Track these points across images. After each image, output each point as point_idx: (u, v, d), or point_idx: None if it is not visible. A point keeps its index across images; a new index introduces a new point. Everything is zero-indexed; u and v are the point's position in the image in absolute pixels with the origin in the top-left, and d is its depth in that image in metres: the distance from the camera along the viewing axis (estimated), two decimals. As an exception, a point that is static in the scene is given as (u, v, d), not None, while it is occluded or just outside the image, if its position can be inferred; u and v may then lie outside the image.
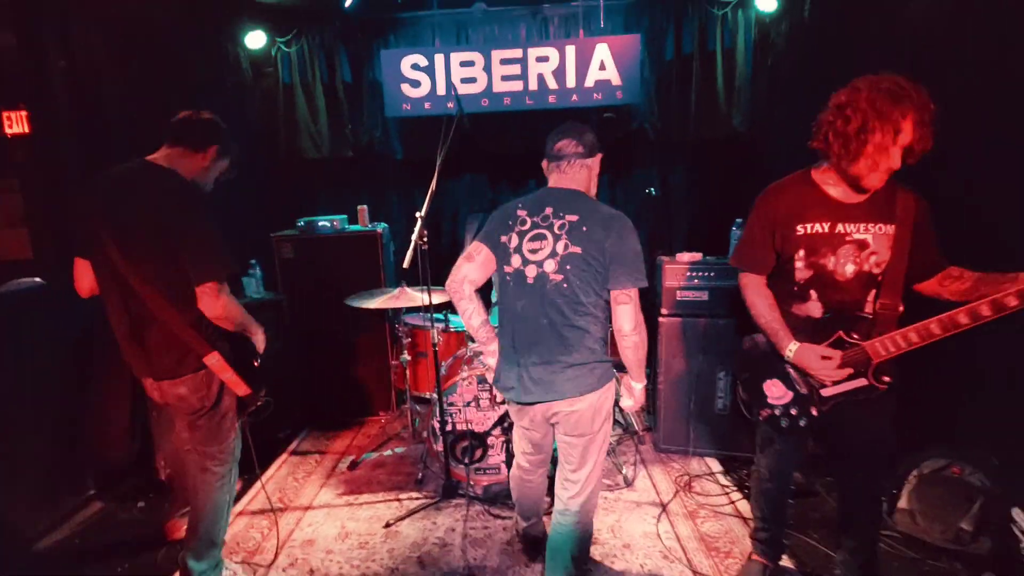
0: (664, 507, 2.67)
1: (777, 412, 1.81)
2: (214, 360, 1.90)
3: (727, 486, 2.82)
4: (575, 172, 1.88)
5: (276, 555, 2.43)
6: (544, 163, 1.97)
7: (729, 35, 4.00)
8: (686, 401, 3.05)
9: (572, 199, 1.83)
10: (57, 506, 2.69)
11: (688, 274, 3.00)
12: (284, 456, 3.33)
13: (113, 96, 2.95)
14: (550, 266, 1.77)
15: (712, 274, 2.97)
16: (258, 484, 2.99)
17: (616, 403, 2.01)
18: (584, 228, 1.75)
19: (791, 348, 1.74)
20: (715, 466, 3.02)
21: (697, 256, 3.04)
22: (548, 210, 1.81)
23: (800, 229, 1.72)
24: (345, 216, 3.76)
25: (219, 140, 2.03)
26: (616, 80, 3.98)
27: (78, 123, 2.80)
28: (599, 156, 1.93)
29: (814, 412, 1.78)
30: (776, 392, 1.82)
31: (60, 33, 2.74)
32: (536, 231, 1.81)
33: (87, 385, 2.78)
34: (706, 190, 4.39)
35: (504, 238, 1.86)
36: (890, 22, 2.69)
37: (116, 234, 1.80)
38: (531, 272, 1.80)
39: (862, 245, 1.68)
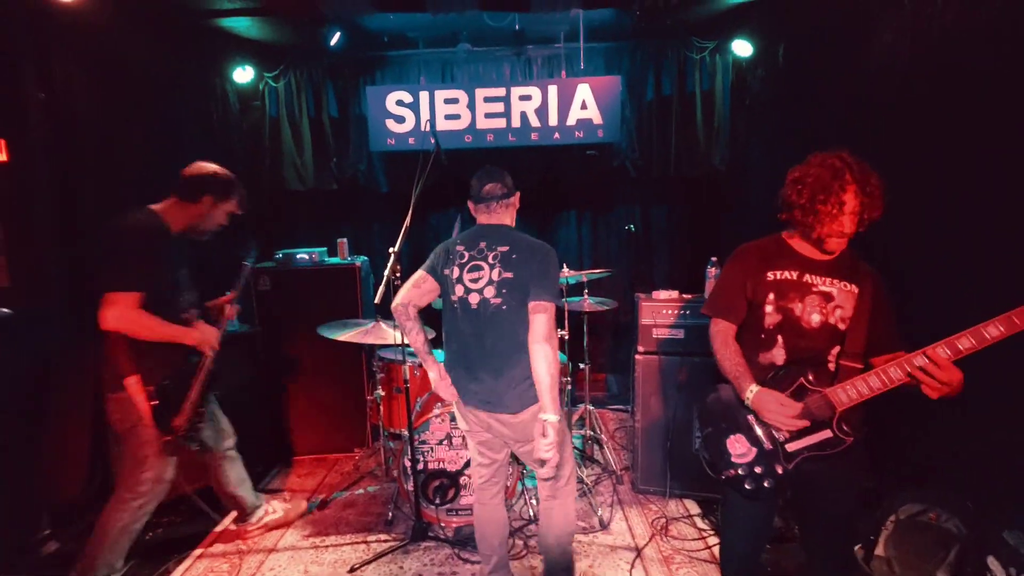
0: (639, 552, 2.59)
1: (741, 471, 1.73)
2: (132, 382, 2.02)
3: (704, 530, 2.75)
4: (501, 211, 2.10)
5: (234, 601, 2.33)
6: (471, 204, 2.14)
7: (707, 78, 4.11)
8: (663, 440, 3.00)
9: (501, 233, 2.05)
10: (11, 545, 2.58)
11: (665, 312, 3.00)
12: (252, 494, 3.22)
13: (93, 128, 2.96)
14: (489, 292, 1.96)
15: (688, 312, 2.97)
16: (221, 524, 2.89)
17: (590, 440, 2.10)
18: (514, 256, 1.97)
19: (751, 390, 1.73)
20: (693, 508, 2.95)
21: (674, 294, 3.04)
22: (482, 244, 2.02)
23: (770, 275, 1.79)
24: (325, 249, 3.75)
25: (211, 191, 2.30)
26: (597, 119, 4.06)
27: (56, 154, 2.81)
28: (518, 194, 2.16)
29: (779, 470, 1.71)
30: (740, 449, 1.75)
31: (40, 65, 2.76)
32: (473, 262, 2.01)
33: (45, 420, 2.71)
34: (685, 227, 4.44)
35: (447, 271, 2.04)
36: (854, 69, 2.78)
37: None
38: (474, 299, 1.98)
39: (828, 297, 1.75)
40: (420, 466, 2.73)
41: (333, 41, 3.81)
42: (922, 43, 2.38)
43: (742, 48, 3.86)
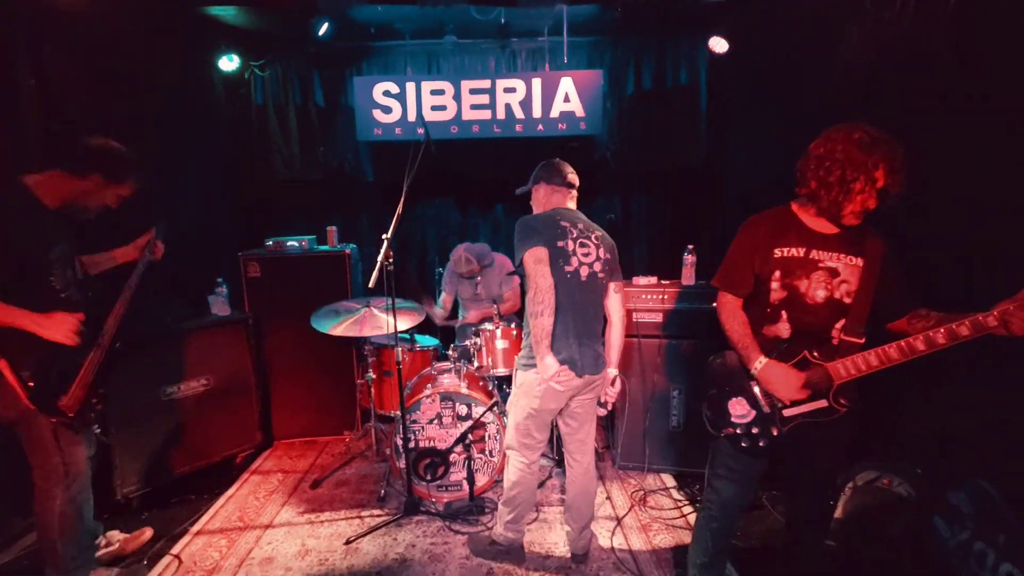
0: (619, 521, 2.76)
1: (739, 431, 1.86)
2: (3, 366, 1.92)
3: (680, 500, 2.94)
4: (575, 198, 2.42)
5: (235, 573, 2.43)
6: (547, 187, 2.40)
7: (686, 73, 4.27)
8: (642, 419, 3.17)
9: (585, 218, 2.35)
10: (3, 529, 2.64)
11: (644, 297, 3.15)
12: (246, 476, 3.31)
13: (83, 114, 2.98)
14: (597, 267, 2.25)
15: (666, 297, 3.13)
16: (217, 503, 2.98)
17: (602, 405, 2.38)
18: (606, 240, 2.31)
19: (759, 362, 1.80)
20: (669, 481, 3.14)
21: (653, 280, 3.20)
22: (581, 225, 2.28)
23: (778, 252, 1.81)
24: (314, 237, 3.82)
25: (102, 169, 2.11)
26: (580, 112, 4.18)
27: (47, 140, 2.83)
28: None
29: (774, 432, 1.83)
30: (740, 410, 1.87)
31: (31, 51, 2.77)
32: (581, 239, 2.24)
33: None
34: (663, 218, 4.61)
35: (561, 243, 2.20)
36: (825, 68, 2.95)
37: None
38: (584, 272, 2.22)
39: (833, 272, 1.77)
40: (411, 445, 2.85)
41: (322, 31, 3.85)
42: (884, 45, 2.55)
43: (719, 45, 4.01)
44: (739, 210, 2.21)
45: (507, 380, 3.59)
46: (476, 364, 3.22)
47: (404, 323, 3.04)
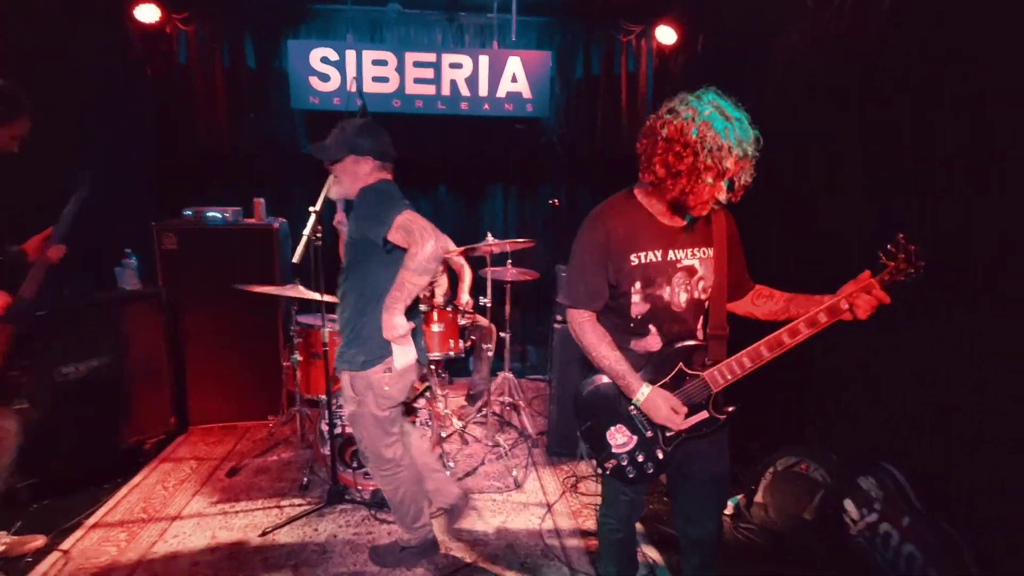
0: (550, 507, 2.74)
1: (624, 462, 1.67)
2: None
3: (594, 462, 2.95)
4: None
5: (133, 571, 2.23)
6: (371, 163, 2.10)
7: (633, 61, 4.26)
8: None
9: None
10: None
11: (583, 283, 3.12)
12: (155, 463, 3.07)
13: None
14: None
15: (605, 284, 3.12)
16: (119, 493, 2.74)
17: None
18: None
19: (641, 393, 1.61)
20: (602, 468, 3.15)
21: (592, 266, 3.17)
22: None
23: (635, 259, 1.59)
24: (241, 209, 3.56)
25: None
26: (527, 93, 4.10)
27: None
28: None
29: (659, 455, 1.67)
30: (620, 439, 1.67)
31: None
32: None
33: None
34: (608, 205, 4.61)
35: None
36: (766, 62, 3.00)
37: None
38: None
39: (691, 271, 1.63)
40: (338, 431, 2.72)
41: (252, -15, 3.57)
42: (822, 43, 2.61)
43: (666, 35, 4.03)
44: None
45: (441, 364, 3.50)
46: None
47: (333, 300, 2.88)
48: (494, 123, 4.24)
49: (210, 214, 3.38)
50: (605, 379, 1.67)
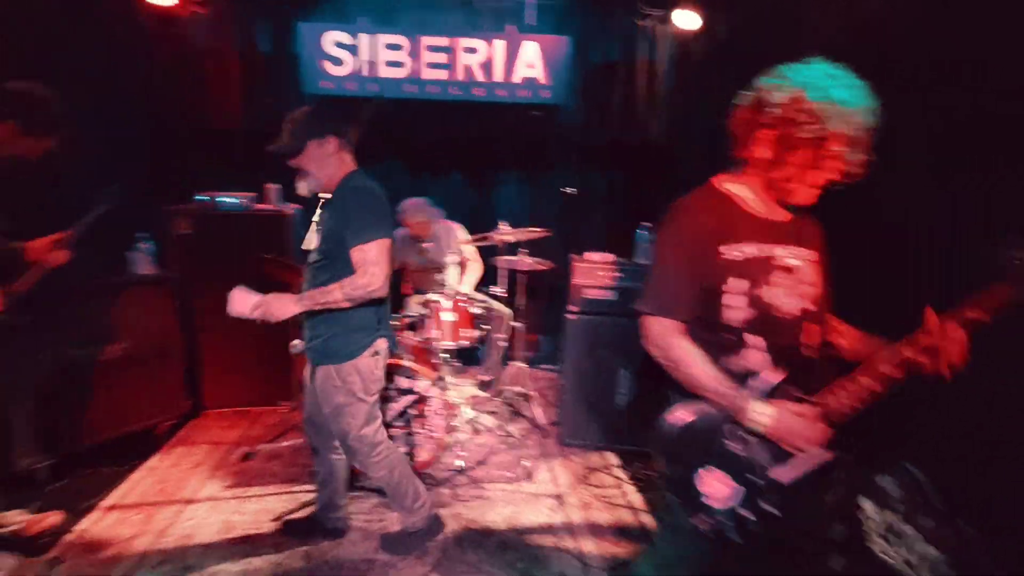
0: (560, 499, 2.73)
1: (725, 519, 1.30)
2: None
3: (621, 479, 2.93)
4: None
5: (148, 551, 2.26)
6: (336, 143, 2.01)
7: (653, 47, 4.15)
8: (589, 397, 3.14)
9: None
10: None
11: (597, 273, 3.08)
12: (169, 446, 3.10)
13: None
14: None
15: (620, 275, 3.07)
16: (134, 475, 2.77)
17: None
18: None
19: (761, 411, 1.26)
20: (613, 460, 3.13)
21: (608, 256, 3.13)
22: None
23: (729, 253, 1.34)
24: (255, 194, 3.54)
25: (20, 117, 1.92)
26: (543, 79, 4.03)
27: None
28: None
29: (768, 506, 1.29)
30: (716, 488, 1.31)
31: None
32: None
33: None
34: (623, 194, 4.54)
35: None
36: (791, 47, 2.89)
37: None
38: None
39: (793, 272, 1.37)
40: (349, 418, 2.71)
41: (265, -33, 3.52)
42: (854, 27, 2.51)
43: (687, 19, 3.91)
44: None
45: (453, 353, 3.49)
46: (422, 336, 3.09)
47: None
48: (509, 109, 4.18)
49: (224, 199, 3.37)
50: (697, 409, 1.36)
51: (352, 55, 3.89)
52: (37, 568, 2.13)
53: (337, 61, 3.90)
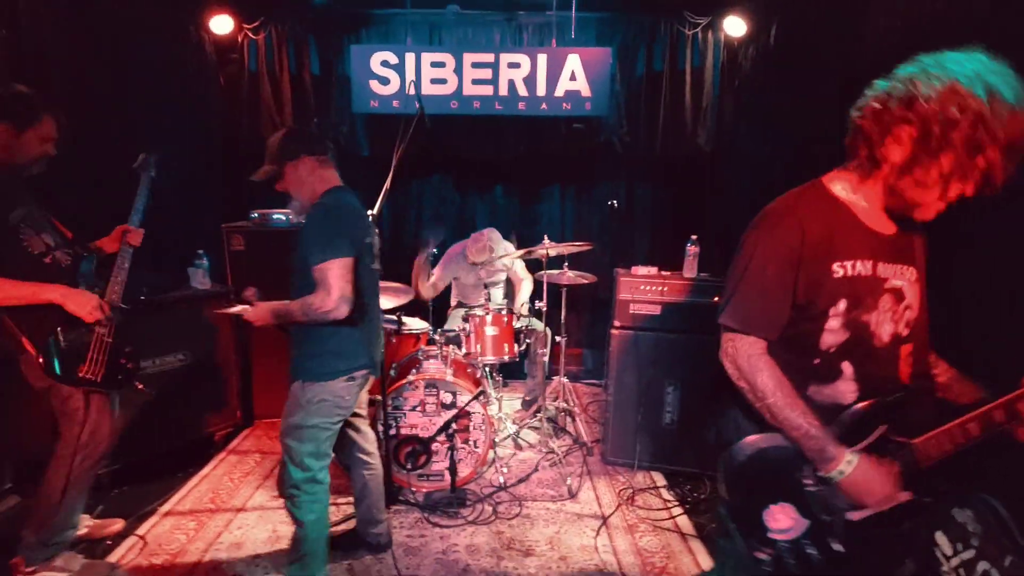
0: (605, 520, 2.65)
1: (787, 555, 1.25)
2: (26, 341, 1.96)
3: (669, 501, 2.82)
4: None
5: (201, 558, 2.33)
6: (309, 161, 2.03)
7: (698, 55, 4.07)
8: (634, 414, 3.05)
9: None
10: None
11: (643, 287, 3.01)
12: (222, 455, 3.21)
13: (60, 69, 2.82)
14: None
15: (665, 289, 2.99)
16: (190, 483, 2.88)
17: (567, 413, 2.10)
18: None
19: (848, 463, 1.16)
20: (660, 480, 3.02)
21: (653, 270, 3.05)
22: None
23: (839, 270, 1.20)
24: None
25: (8, 116, 1.96)
26: (586, 91, 4.00)
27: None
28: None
29: (837, 546, 1.23)
30: (784, 522, 1.25)
31: (3, 1, 2.61)
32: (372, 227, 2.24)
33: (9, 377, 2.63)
34: (668, 206, 4.45)
35: (368, 239, 2.09)
36: (847, 52, 2.77)
37: None
38: (378, 265, 2.16)
39: (898, 296, 1.24)
40: (392, 432, 2.74)
41: (318, -7, 3.67)
42: (915, 28, 2.37)
43: (734, 26, 3.82)
44: (748, 203, 2.01)
45: (495, 368, 3.48)
46: (464, 351, 3.09)
47: (389, 302, 2.91)
48: (552, 123, 4.17)
49: (275, 216, 3.50)
50: (773, 440, 1.26)
51: (398, 74, 3.99)
52: (100, 569, 2.23)
53: (385, 80, 4.00)
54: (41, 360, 1.98)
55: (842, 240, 1.20)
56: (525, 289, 3.76)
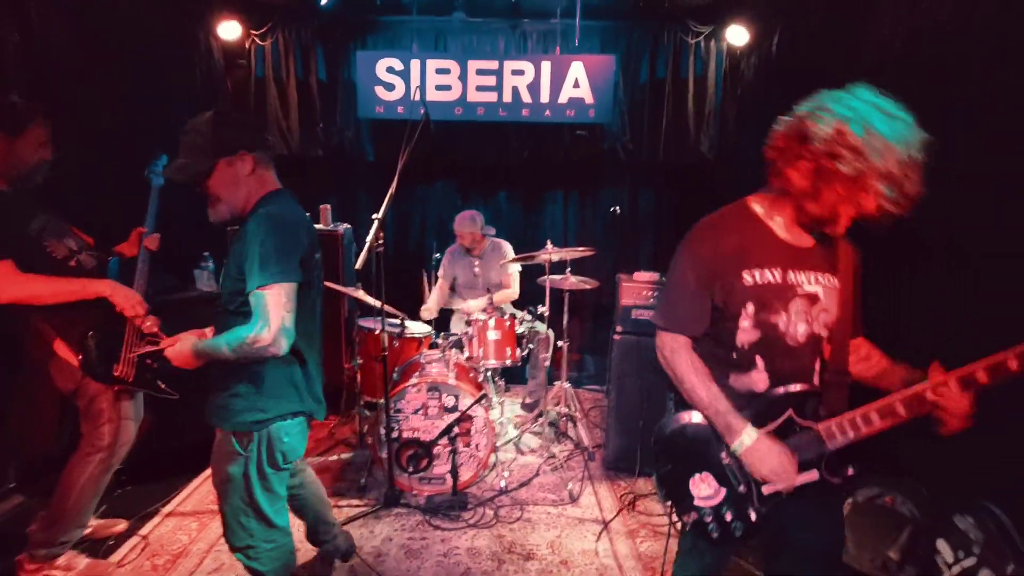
0: (606, 525, 2.65)
1: (707, 517, 1.43)
2: (58, 345, 2.01)
3: (670, 506, 2.82)
4: None
5: (203, 559, 2.34)
6: (252, 158, 1.60)
7: (701, 63, 4.10)
8: (636, 420, 3.05)
9: None
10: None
11: (645, 293, 3.02)
12: (225, 456, 3.22)
13: (71, 75, 2.86)
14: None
15: (668, 294, 3.00)
16: (192, 484, 2.89)
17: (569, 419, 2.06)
18: None
19: (747, 436, 1.34)
20: (661, 486, 3.02)
21: (654, 276, 3.07)
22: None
23: (748, 277, 1.38)
24: (308, 215, 3.69)
25: None
26: (589, 99, 4.03)
27: (30, 100, 2.71)
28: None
29: (752, 516, 1.41)
30: (705, 490, 1.43)
31: (15, 6, 2.65)
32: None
33: (16, 378, 2.66)
34: (671, 213, 4.47)
35: (318, 255, 1.76)
36: (849, 62, 2.79)
37: None
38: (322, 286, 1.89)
39: (813, 299, 1.39)
40: (395, 435, 2.75)
41: (324, 0, 3.71)
42: (917, 37, 2.40)
43: (737, 35, 3.85)
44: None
45: (498, 372, 3.49)
46: (466, 354, 3.11)
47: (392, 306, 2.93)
48: (555, 129, 4.21)
49: (281, 219, 3.52)
50: (695, 418, 1.45)
51: (403, 80, 4.03)
52: (103, 569, 2.24)
53: (390, 86, 4.05)
54: (81, 357, 2.02)
55: (753, 252, 1.39)
56: (509, 294, 3.78)
